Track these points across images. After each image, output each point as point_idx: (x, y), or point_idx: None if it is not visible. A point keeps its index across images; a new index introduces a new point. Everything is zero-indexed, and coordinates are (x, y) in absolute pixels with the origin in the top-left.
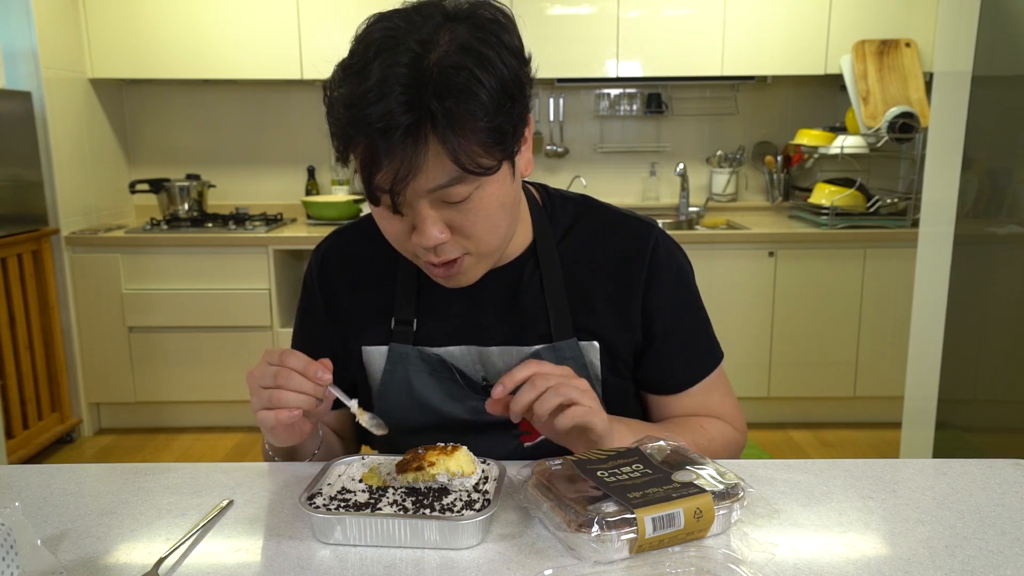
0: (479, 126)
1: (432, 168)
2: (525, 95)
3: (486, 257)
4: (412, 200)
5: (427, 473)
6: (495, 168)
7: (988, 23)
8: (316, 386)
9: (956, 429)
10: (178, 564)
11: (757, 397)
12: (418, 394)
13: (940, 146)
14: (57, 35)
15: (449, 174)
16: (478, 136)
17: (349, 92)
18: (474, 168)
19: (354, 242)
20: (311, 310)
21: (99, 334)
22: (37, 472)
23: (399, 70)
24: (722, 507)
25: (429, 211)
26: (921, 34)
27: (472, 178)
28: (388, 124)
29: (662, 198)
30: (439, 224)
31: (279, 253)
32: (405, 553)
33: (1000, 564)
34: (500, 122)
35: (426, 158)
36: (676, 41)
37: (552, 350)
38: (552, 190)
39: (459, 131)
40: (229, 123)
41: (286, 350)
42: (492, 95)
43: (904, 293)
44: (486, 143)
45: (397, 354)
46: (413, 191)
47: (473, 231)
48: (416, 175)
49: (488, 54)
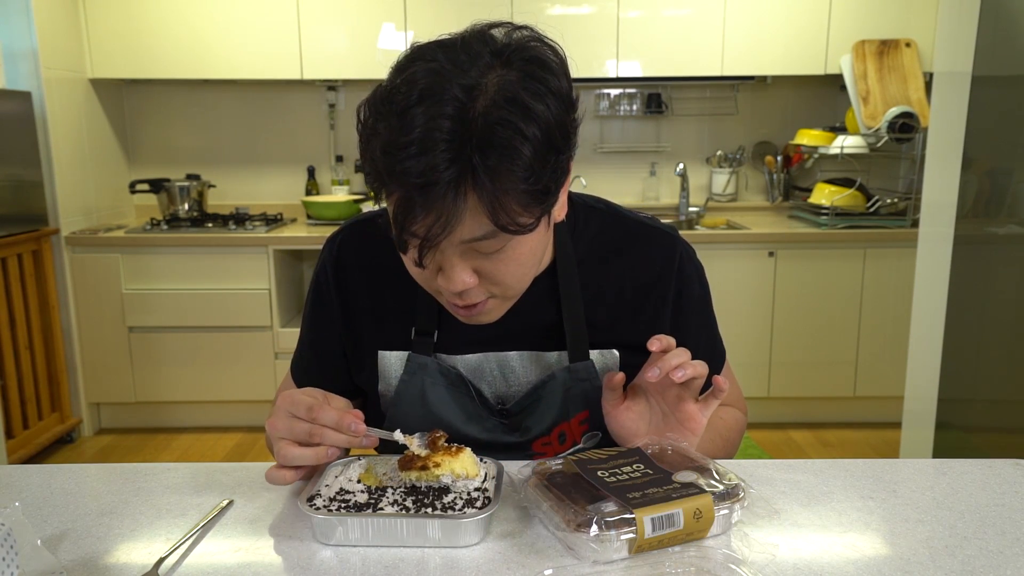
0: (520, 188)
1: (469, 222)
2: (569, 144)
3: (509, 301)
4: (444, 248)
5: (431, 473)
6: (532, 226)
7: (988, 23)
8: (352, 439)
9: (956, 429)
10: (178, 564)
11: (757, 397)
12: (432, 407)
13: (940, 146)
14: (57, 35)
15: (484, 229)
16: (518, 196)
17: (388, 138)
18: (511, 226)
19: (371, 238)
20: (323, 306)
21: (99, 334)
22: (37, 472)
23: (443, 123)
24: (722, 507)
25: (459, 259)
26: (921, 34)
27: (505, 234)
28: (428, 180)
29: (662, 198)
30: (468, 271)
31: (279, 253)
32: (406, 553)
33: (1000, 564)
34: (542, 180)
35: (464, 212)
36: (676, 41)
37: (567, 371)
38: (575, 197)
39: (500, 190)
40: (229, 123)
41: (313, 403)
42: (536, 151)
43: (904, 293)
44: (526, 203)
45: (416, 365)
46: (446, 243)
47: (502, 279)
48: (452, 229)
49: (535, 107)
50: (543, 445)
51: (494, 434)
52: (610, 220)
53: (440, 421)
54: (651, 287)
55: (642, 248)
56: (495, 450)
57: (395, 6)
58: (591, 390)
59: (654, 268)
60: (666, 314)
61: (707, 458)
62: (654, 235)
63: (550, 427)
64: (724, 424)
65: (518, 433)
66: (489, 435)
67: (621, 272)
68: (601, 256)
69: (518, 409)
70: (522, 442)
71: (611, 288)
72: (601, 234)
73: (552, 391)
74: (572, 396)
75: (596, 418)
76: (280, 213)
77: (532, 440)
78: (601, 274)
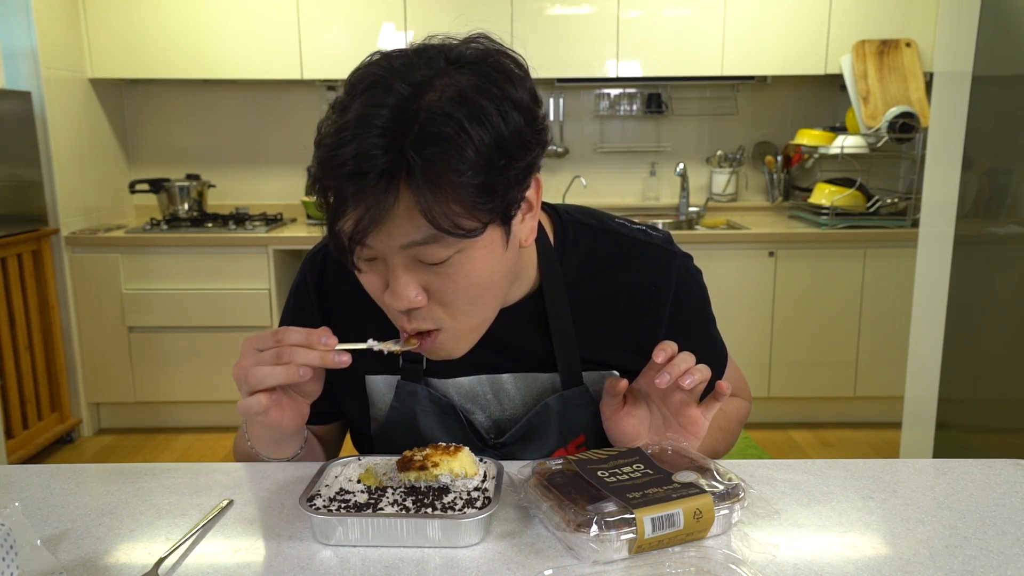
0: (461, 182)
1: (403, 222)
2: (528, 155)
3: (465, 335)
4: (386, 255)
5: (430, 473)
6: (477, 231)
7: (988, 23)
8: (324, 354)
9: (956, 429)
10: (178, 564)
11: (757, 397)
12: (423, 436)
13: (940, 146)
14: (57, 35)
15: (423, 232)
16: (458, 193)
17: (325, 131)
18: (450, 228)
19: None
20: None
21: (99, 334)
22: (37, 472)
23: (381, 111)
24: (722, 508)
25: (404, 270)
26: (921, 34)
27: (451, 239)
28: (358, 167)
29: (662, 198)
30: (414, 286)
31: (279, 253)
32: (406, 553)
33: (1000, 564)
34: (488, 180)
35: (395, 211)
36: (676, 41)
37: (561, 399)
38: (564, 215)
39: (436, 186)
40: (229, 123)
41: (278, 329)
42: (481, 151)
43: (904, 293)
44: (467, 202)
45: (405, 392)
46: (385, 245)
47: (452, 300)
48: (382, 226)
49: (486, 106)
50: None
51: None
52: (601, 236)
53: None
54: (645, 305)
55: (635, 265)
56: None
57: (395, 6)
58: (587, 415)
59: (648, 286)
60: (660, 331)
61: (707, 458)
62: (647, 251)
63: (547, 455)
64: (724, 415)
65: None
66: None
67: (614, 290)
68: (592, 275)
69: (512, 441)
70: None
71: (604, 307)
72: (592, 252)
73: (546, 421)
74: (567, 423)
75: (592, 441)
76: (280, 213)
77: None
78: (593, 293)
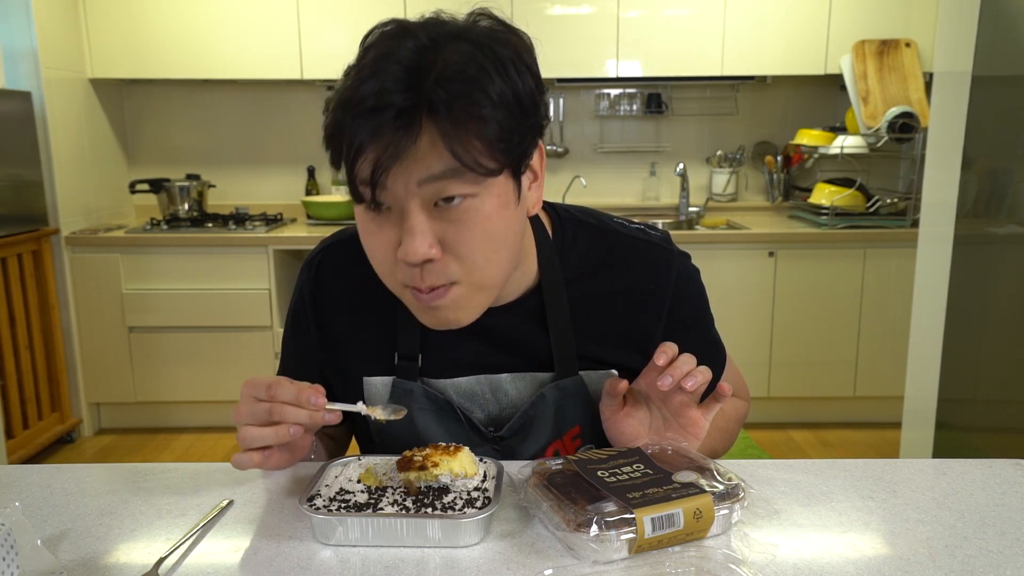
0: (484, 114)
1: (424, 156)
2: (537, 115)
3: (479, 291)
4: (402, 199)
5: (430, 473)
6: (495, 172)
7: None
8: (313, 414)
9: (956, 429)
10: (178, 564)
11: (757, 397)
12: (421, 434)
13: (940, 146)
14: (57, 35)
15: (444, 164)
16: (479, 130)
17: (346, 80)
18: (471, 164)
19: (349, 260)
20: (302, 334)
21: (99, 334)
22: (37, 472)
23: (402, 53)
24: (722, 507)
25: (420, 217)
26: (921, 34)
27: (469, 177)
28: (379, 103)
29: (662, 198)
30: (429, 236)
31: (279, 253)
32: (406, 553)
33: (1000, 564)
34: (506, 123)
35: (417, 144)
36: (676, 41)
37: (556, 388)
38: (563, 213)
39: (458, 121)
40: (229, 123)
41: (272, 381)
42: (502, 95)
43: (904, 293)
44: (487, 140)
45: (401, 391)
46: (403, 184)
47: (467, 251)
48: (403, 159)
49: (504, 58)
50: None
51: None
52: (600, 235)
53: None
54: (644, 303)
55: (634, 263)
56: None
57: (395, 6)
58: (581, 405)
59: (646, 285)
60: (658, 330)
61: (707, 458)
62: (646, 249)
63: (543, 447)
64: (723, 415)
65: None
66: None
67: (612, 289)
68: (591, 273)
69: (510, 434)
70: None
71: (602, 305)
72: (591, 250)
73: (543, 411)
74: (563, 414)
75: (588, 433)
76: (280, 213)
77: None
78: (591, 291)
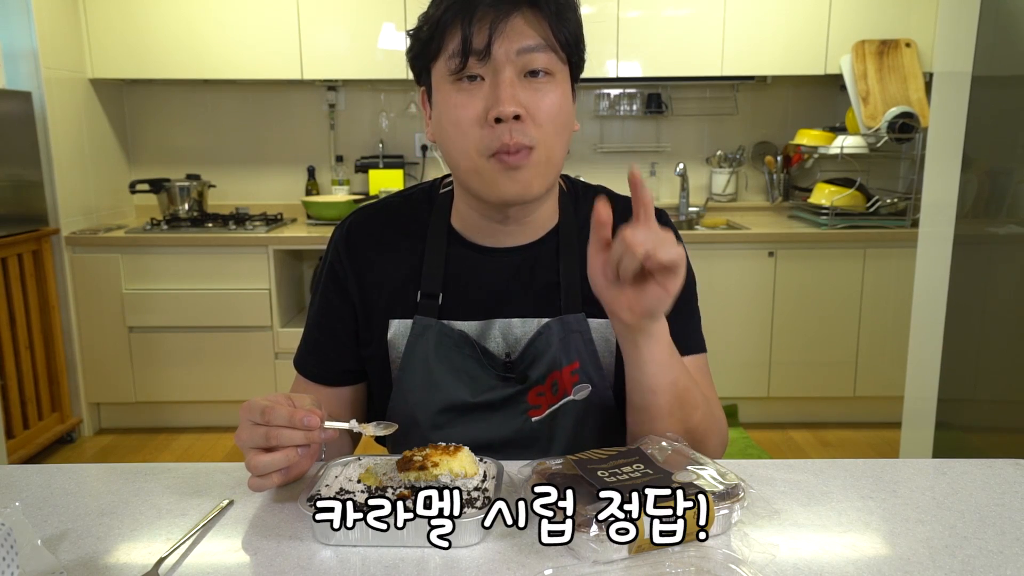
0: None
1: (525, 29)
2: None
3: (547, 163)
4: (499, 66)
5: (430, 473)
6: (571, 57)
7: (988, 23)
8: (308, 434)
9: (956, 429)
10: (178, 564)
11: (757, 397)
12: (435, 370)
13: (940, 146)
14: (57, 35)
15: (538, 39)
16: (568, 22)
17: None
18: (560, 41)
19: (377, 218)
20: (335, 289)
21: (99, 334)
22: (37, 472)
23: None
24: (722, 507)
25: (512, 78)
26: (921, 34)
27: (555, 56)
28: None
29: (662, 198)
30: (519, 96)
31: (279, 253)
32: (406, 553)
33: (1000, 564)
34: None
35: (521, 18)
36: (676, 41)
37: (560, 322)
38: (577, 180)
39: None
40: (229, 123)
41: (266, 406)
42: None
43: (904, 293)
44: (571, 32)
45: (421, 327)
46: (504, 52)
47: (544, 119)
48: (509, 31)
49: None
50: (537, 395)
51: (494, 391)
52: (608, 195)
53: (441, 380)
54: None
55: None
56: (491, 407)
57: (395, 6)
58: (582, 342)
59: None
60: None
61: (707, 458)
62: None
63: (544, 375)
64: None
65: (516, 382)
66: (488, 394)
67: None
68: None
69: (520, 360)
70: (518, 392)
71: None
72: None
73: (547, 340)
74: (564, 346)
75: (586, 370)
76: (280, 213)
77: (528, 389)
78: None
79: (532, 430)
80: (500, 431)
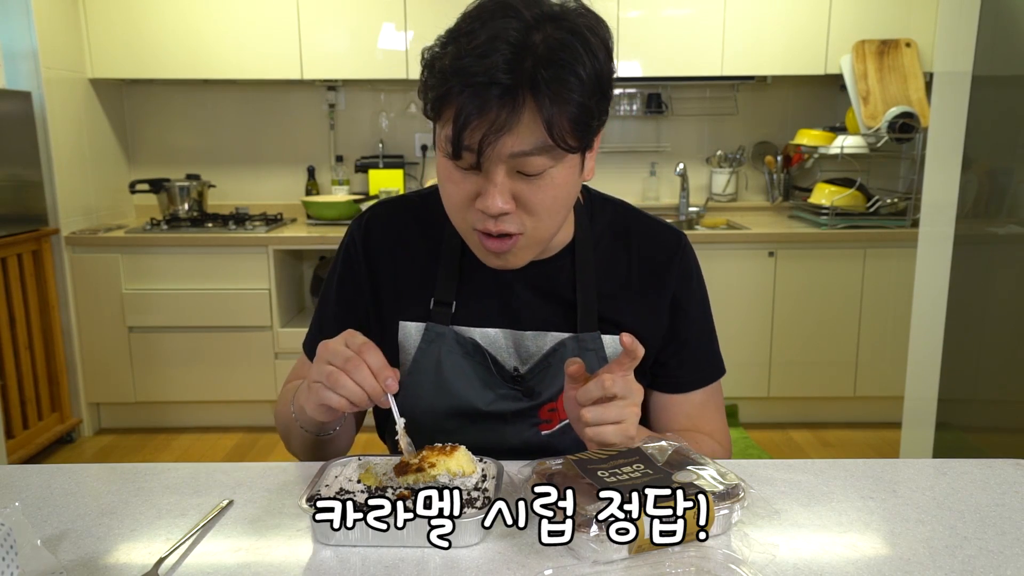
0: (574, 99)
1: (523, 132)
2: (608, 98)
3: (536, 243)
4: (492, 164)
5: (428, 474)
6: (576, 149)
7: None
8: (377, 389)
9: (956, 429)
10: (178, 564)
11: (757, 397)
12: (447, 376)
13: (940, 146)
14: (57, 35)
15: (536, 142)
16: (571, 111)
17: (457, 50)
18: (560, 142)
19: (397, 216)
20: (350, 280)
21: (99, 334)
22: (37, 472)
23: (510, 32)
24: (722, 507)
25: (503, 178)
26: (921, 34)
27: (555, 153)
28: (490, 79)
29: (662, 198)
30: (507, 194)
31: (279, 253)
32: (406, 553)
33: (1000, 564)
34: (589, 106)
35: (519, 121)
36: (676, 41)
37: (575, 340)
38: (593, 191)
39: (556, 101)
40: (229, 123)
41: (369, 344)
42: (589, 78)
43: (904, 293)
44: (576, 121)
45: (433, 333)
46: (497, 153)
47: (537, 209)
48: (506, 134)
49: (592, 43)
50: (549, 411)
51: (505, 402)
52: (623, 210)
53: (452, 388)
54: (655, 274)
55: (651, 237)
56: (503, 417)
57: (395, 6)
58: (596, 360)
59: (660, 256)
60: (666, 300)
61: (707, 458)
62: (662, 228)
63: (557, 392)
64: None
65: (528, 398)
66: (499, 404)
67: (631, 256)
68: (614, 239)
69: (531, 376)
70: (531, 407)
71: (621, 269)
72: (615, 221)
73: (562, 358)
74: None
75: None
76: (280, 213)
77: (540, 405)
78: (613, 255)
79: (540, 442)
80: (508, 441)
